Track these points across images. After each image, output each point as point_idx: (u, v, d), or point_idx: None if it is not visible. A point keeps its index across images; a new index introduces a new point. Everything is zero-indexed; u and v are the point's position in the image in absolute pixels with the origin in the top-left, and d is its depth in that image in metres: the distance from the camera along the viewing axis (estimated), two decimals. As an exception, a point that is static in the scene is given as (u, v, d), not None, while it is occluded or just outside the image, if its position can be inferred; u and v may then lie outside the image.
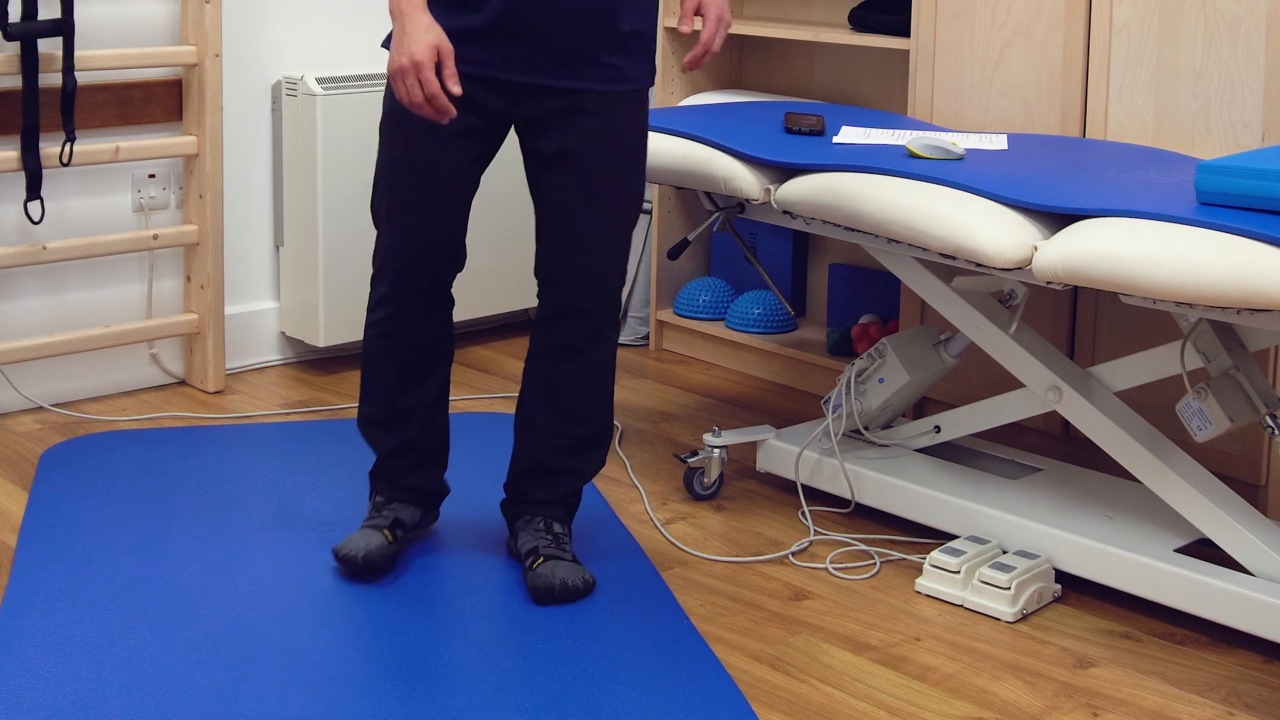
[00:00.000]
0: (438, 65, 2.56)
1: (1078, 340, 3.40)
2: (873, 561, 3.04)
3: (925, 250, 2.91)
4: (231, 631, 2.68)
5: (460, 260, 2.83)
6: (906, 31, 3.68)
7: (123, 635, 2.65)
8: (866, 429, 3.29)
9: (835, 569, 3.01)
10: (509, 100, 2.73)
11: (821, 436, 3.25)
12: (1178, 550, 2.83)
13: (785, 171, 3.11)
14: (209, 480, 3.34)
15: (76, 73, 3.63)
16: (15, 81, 3.60)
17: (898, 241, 2.93)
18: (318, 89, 3.94)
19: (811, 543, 3.12)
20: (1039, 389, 2.98)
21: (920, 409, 3.64)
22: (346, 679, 2.53)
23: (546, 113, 2.73)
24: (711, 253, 4.50)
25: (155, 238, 3.84)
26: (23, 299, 3.75)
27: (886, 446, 3.29)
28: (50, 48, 3.60)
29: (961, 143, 3.17)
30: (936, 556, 2.90)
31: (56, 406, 3.79)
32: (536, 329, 2.88)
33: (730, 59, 4.39)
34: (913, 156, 3.02)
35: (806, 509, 3.23)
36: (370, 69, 4.06)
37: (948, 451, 3.30)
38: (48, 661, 2.56)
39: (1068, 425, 3.38)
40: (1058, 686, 2.60)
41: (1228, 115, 3.12)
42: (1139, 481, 3.00)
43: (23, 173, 3.62)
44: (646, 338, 4.44)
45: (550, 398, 2.86)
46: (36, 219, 3.66)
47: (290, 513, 3.18)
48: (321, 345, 4.06)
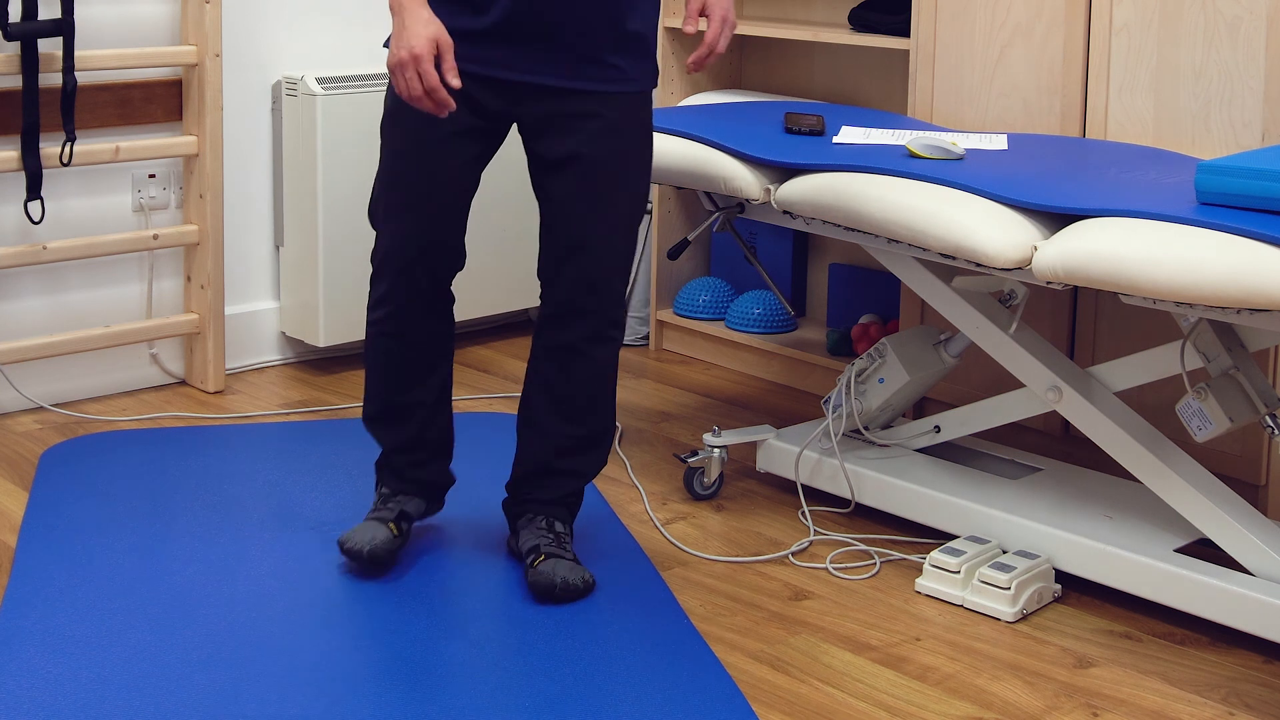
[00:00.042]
0: (437, 59, 2.57)
1: (1078, 340, 3.40)
2: (873, 561, 3.04)
3: (925, 250, 2.91)
4: (231, 631, 2.68)
5: (460, 260, 2.83)
6: (906, 31, 3.68)
7: (123, 635, 2.65)
8: (866, 429, 3.29)
9: (835, 569, 3.01)
10: (510, 100, 2.73)
11: (821, 436, 3.25)
12: (1178, 550, 2.83)
13: (785, 171, 3.11)
14: (209, 480, 3.34)
15: (76, 73, 3.63)
16: (15, 81, 3.60)
17: (898, 241, 2.93)
18: (318, 89, 3.93)
19: (811, 543, 3.12)
20: (1039, 389, 2.98)
21: (920, 409, 3.64)
22: (346, 679, 2.53)
23: (549, 114, 2.73)
24: (711, 253, 4.50)
25: (155, 238, 3.84)
26: (23, 299, 3.75)
27: (886, 446, 3.29)
28: (50, 48, 3.60)
29: (961, 143, 3.17)
30: (936, 556, 2.90)
31: (56, 406, 3.79)
32: (539, 330, 2.88)
33: (730, 59, 4.39)
34: (913, 156, 3.02)
35: (806, 509, 3.23)
36: (370, 69, 4.06)
37: (948, 451, 3.30)
38: (48, 661, 2.56)
39: (1068, 425, 3.38)
40: (1058, 686, 2.60)
41: (1228, 115, 3.12)
42: (1139, 481, 3.00)
43: (23, 173, 3.62)
44: (646, 338, 4.44)
45: (552, 398, 2.86)
46: (36, 219, 3.66)
47: (290, 513, 3.18)
48: (321, 345, 4.06)
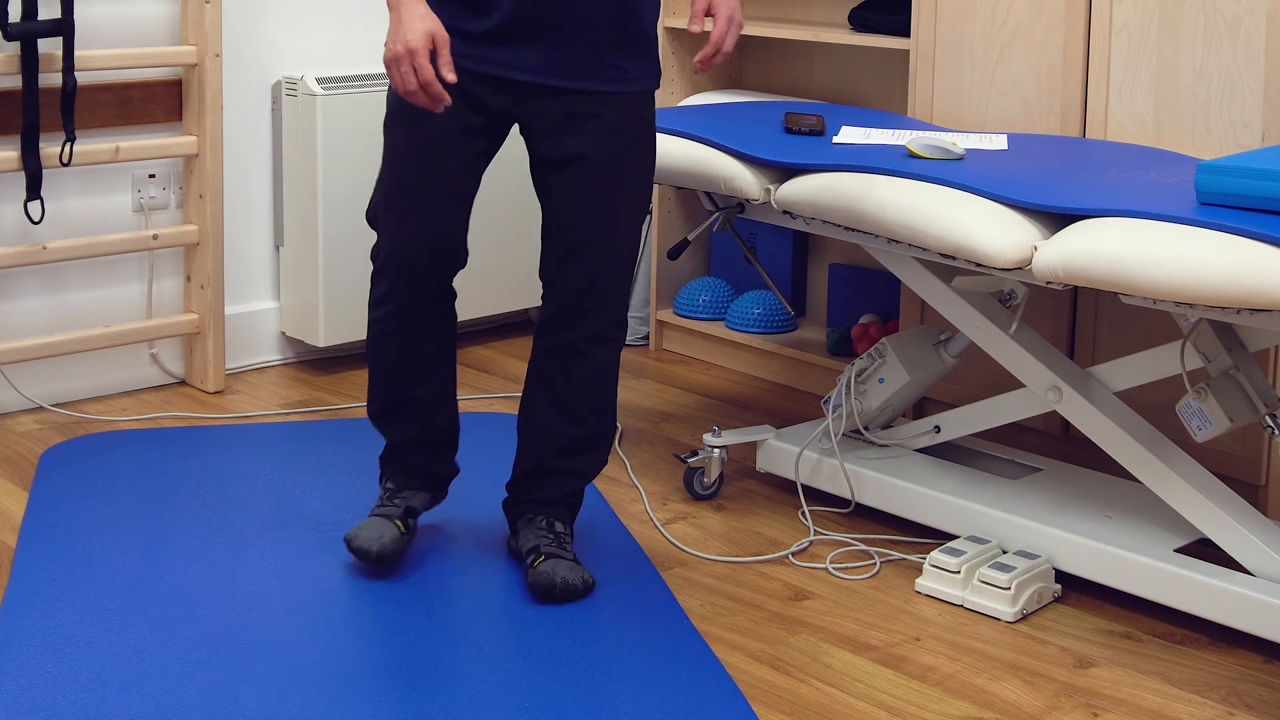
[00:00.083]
0: (433, 53, 2.56)
1: (1078, 340, 3.40)
2: (873, 561, 3.04)
3: (925, 250, 2.91)
4: (231, 631, 2.68)
5: (461, 259, 2.82)
6: (906, 31, 3.68)
7: (123, 635, 2.65)
8: (866, 429, 3.29)
9: (835, 569, 3.01)
10: (512, 99, 2.73)
11: (821, 436, 3.25)
12: (1178, 550, 2.83)
13: (785, 171, 3.11)
14: (209, 480, 3.34)
15: (76, 73, 3.62)
16: (15, 81, 3.60)
17: (898, 241, 2.93)
18: (318, 89, 3.93)
19: (811, 543, 3.12)
20: (1039, 389, 2.98)
21: (920, 409, 3.64)
22: (346, 679, 2.53)
23: (550, 114, 2.73)
24: (711, 253, 4.50)
25: (155, 238, 3.84)
26: (23, 299, 3.75)
27: (886, 446, 3.29)
28: (50, 48, 3.60)
29: (961, 143, 3.17)
30: (936, 556, 2.90)
31: (56, 406, 3.79)
32: (540, 330, 2.87)
33: (730, 59, 4.38)
34: (913, 156, 3.02)
35: (806, 509, 3.23)
36: (370, 69, 4.06)
37: (948, 451, 3.30)
38: (48, 661, 2.56)
39: (1068, 425, 3.38)
40: (1058, 686, 2.60)
41: (1228, 115, 3.12)
42: (1139, 481, 3.00)
43: (23, 173, 3.62)
44: (646, 338, 4.44)
45: (553, 398, 2.86)
46: (36, 219, 3.66)
47: (290, 513, 3.18)
48: (321, 345, 4.06)
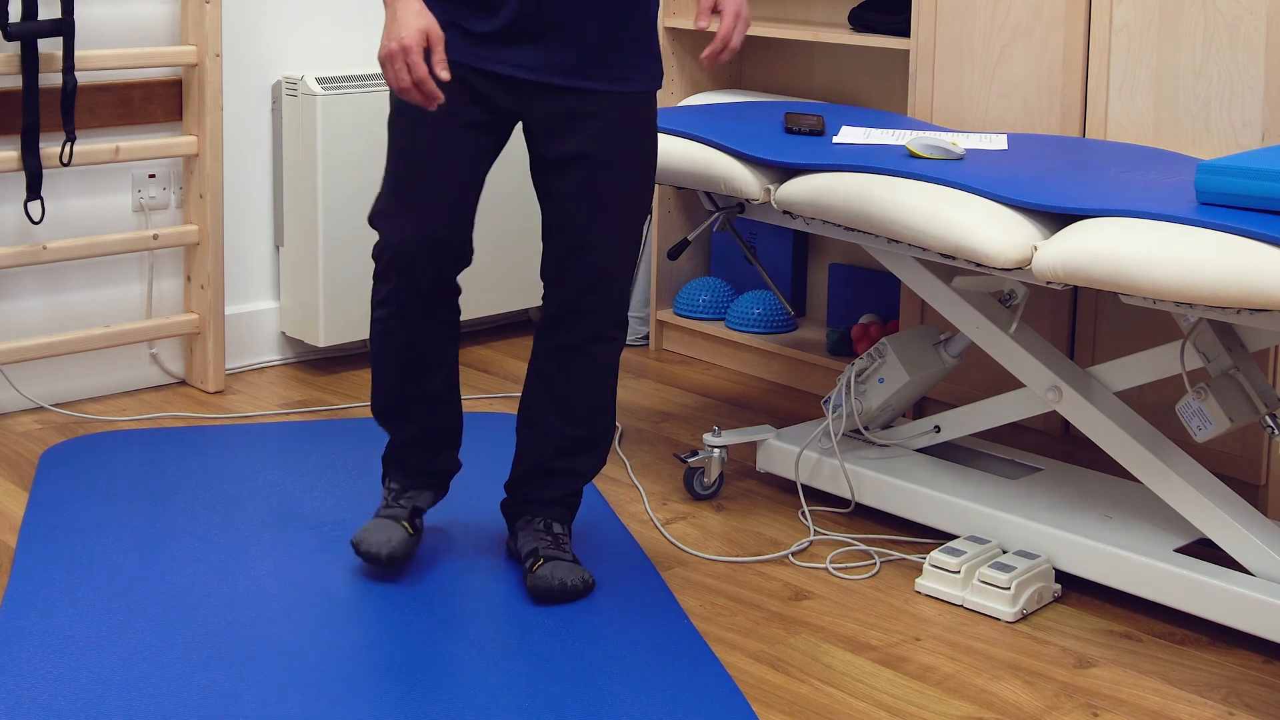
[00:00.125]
0: (427, 51, 2.56)
1: (1078, 340, 3.39)
2: (873, 561, 3.04)
3: (925, 250, 2.91)
4: (231, 631, 2.68)
5: (465, 257, 2.80)
6: (906, 31, 3.68)
7: (123, 635, 2.65)
8: (866, 429, 3.29)
9: (835, 569, 3.01)
10: (516, 98, 2.73)
11: (821, 436, 3.25)
12: (1178, 550, 2.83)
13: (785, 171, 3.11)
14: (209, 480, 3.34)
15: (76, 73, 3.62)
16: (15, 81, 3.60)
17: (898, 241, 2.93)
18: (318, 89, 3.93)
19: (811, 543, 3.12)
20: (1039, 389, 2.98)
21: (920, 409, 3.64)
22: (346, 679, 2.53)
23: (553, 113, 2.73)
24: (711, 253, 4.50)
25: (155, 238, 3.84)
26: (23, 299, 3.75)
27: (886, 446, 3.29)
28: (50, 48, 3.60)
29: (961, 143, 3.17)
30: (936, 556, 2.90)
31: (56, 406, 3.79)
32: (541, 330, 2.87)
33: (730, 59, 4.38)
34: (913, 156, 3.02)
35: (806, 509, 3.23)
36: (370, 69, 4.06)
37: (948, 451, 3.30)
38: (48, 661, 2.56)
39: (1068, 425, 3.38)
40: (1058, 686, 2.60)
41: (1228, 115, 3.12)
42: (1139, 481, 3.00)
43: (23, 173, 3.62)
44: (646, 338, 4.44)
45: (553, 398, 2.86)
46: (36, 219, 3.66)
47: (290, 513, 3.18)
48: (321, 345, 4.06)
